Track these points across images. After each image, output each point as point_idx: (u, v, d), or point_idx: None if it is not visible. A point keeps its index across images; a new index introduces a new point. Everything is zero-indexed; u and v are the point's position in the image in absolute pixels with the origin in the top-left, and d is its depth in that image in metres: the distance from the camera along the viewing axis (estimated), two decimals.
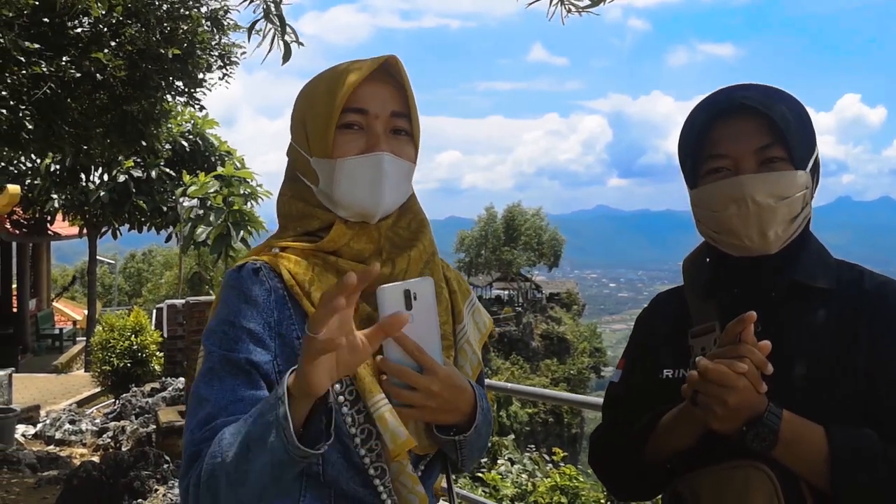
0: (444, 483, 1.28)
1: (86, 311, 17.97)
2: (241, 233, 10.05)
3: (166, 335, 9.90)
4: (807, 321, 1.21)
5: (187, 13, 5.74)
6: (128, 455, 5.54)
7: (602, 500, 5.67)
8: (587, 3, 2.15)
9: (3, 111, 5.25)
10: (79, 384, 12.51)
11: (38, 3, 4.66)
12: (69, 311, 23.23)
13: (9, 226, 14.79)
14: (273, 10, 3.10)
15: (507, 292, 46.84)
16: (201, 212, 10.16)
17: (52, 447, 7.99)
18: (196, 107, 7.08)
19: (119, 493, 4.95)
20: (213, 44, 6.20)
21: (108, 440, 7.95)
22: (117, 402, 9.40)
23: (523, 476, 7.25)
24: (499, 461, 8.18)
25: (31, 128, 5.46)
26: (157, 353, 10.44)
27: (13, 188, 12.97)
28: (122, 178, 13.89)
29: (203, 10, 6.00)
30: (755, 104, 1.19)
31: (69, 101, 5.60)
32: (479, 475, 7.45)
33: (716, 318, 1.23)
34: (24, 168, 13.42)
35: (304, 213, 1.18)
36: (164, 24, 5.64)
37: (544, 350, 41.13)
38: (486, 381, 3.97)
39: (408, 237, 1.20)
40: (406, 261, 1.16)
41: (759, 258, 1.22)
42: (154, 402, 8.60)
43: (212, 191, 10.25)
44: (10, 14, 4.69)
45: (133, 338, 10.38)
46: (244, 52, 6.55)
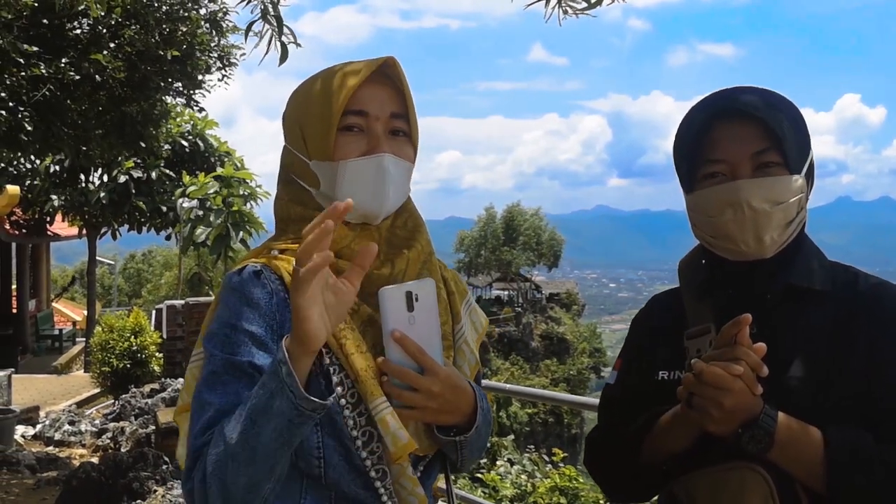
0: (442, 483, 1.28)
1: (85, 312, 17.96)
2: (241, 233, 10.06)
3: (166, 336, 9.89)
4: (802, 323, 1.21)
5: (186, 15, 5.74)
6: (127, 456, 5.54)
7: (601, 502, 5.68)
8: (584, 5, 2.15)
9: (3, 113, 5.25)
10: (78, 385, 12.51)
11: (37, 4, 4.67)
12: (69, 312, 23.24)
13: (8, 226, 14.79)
14: (271, 10, 3.09)
15: (506, 292, 46.80)
16: (201, 212, 10.17)
17: (51, 448, 7.98)
18: (195, 108, 7.09)
19: (118, 494, 4.95)
20: (212, 45, 6.20)
21: (108, 441, 7.95)
22: (117, 402, 9.39)
23: (523, 477, 7.24)
24: (498, 462, 8.18)
25: (30, 129, 5.46)
26: (157, 354, 10.44)
27: (12, 189, 12.97)
28: (122, 179, 13.89)
29: (202, 11, 6.01)
30: (751, 109, 1.20)
31: (68, 102, 5.59)
32: (479, 476, 7.44)
33: (711, 320, 1.23)
34: (24, 169, 13.41)
35: (303, 216, 1.17)
36: (163, 26, 5.64)
37: (544, 350, 41.09)
38: (486, 382, 3.97)
39: (405, 237, 1.20)
40: (405, 261, 1.16)
41: (755, 262, 1.23)
42: (153, 403, 8.60)
43: (211, 191, 10.25)
44: (9, 16, 4.69)
45: (132, 339, 10.37)
46: (243, 54, 6.55)
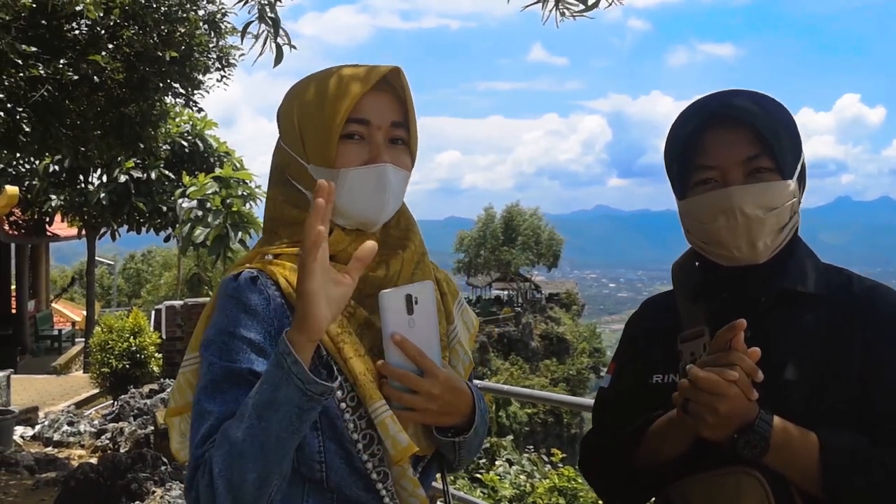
0: (437, 483, 1.28)
1: (84, 313, 17.95)
2: (240, 234, 10.06)
3: (165, 336, 9.90)
4: (796, 327, 1.21)
5: (185, 16, 5.74)
6: (125, 457, 5.53)
7: (600, 503, 5.67)
8: (582, 7, 2.15)
9: (1, 114, 5.25)
10: (77, 385, 12.51)
11: (35, 5, 4.67)
12: (68, 313, 23.23)
13: (7, 227, 14.79)
14: (268, 11, 3.08)
15: (506, 292, 46.80)
16: (200, 213, 10.16)
17: (50, 449, 7.98)
18: (194, 108, 7.09)
19: (116, 494, 4.94)
20: (211, 46, 6.20)
21: (107, 442, 7.95)
22: (116, 403, 9.40)
23: (522, 477, 7.25)
24: (497, 462, 8.18)
25: (28, 130, 5.47)
26: (156, 355, 10.45)
27: (12, 189, 12.97)
28: (122, 179, 13.88)
29: (200, 13, 6.01)
30: (742, 114, 1.19)
31: (67, 103, 5.60)
32: (478, 476, 7.44)
33: (705, 323, 1.23)
34: (23, 169, 13.40)
35: (298, 220, 1.16)
36: (162, 27, 5.64)
37: (544, 350, 41.09)
38: (485, 382, 3.96)
39: (399, 237, 1.21)
40: (399, 262, 1.16)
41: (747, 267, 1.23)
42: (152, 404, 8.60)
43: (210, 192, 10.24)
44: (8, 17, 4.69)
45: (132, 339, 10.38)
46: (242, 54, 6.56)
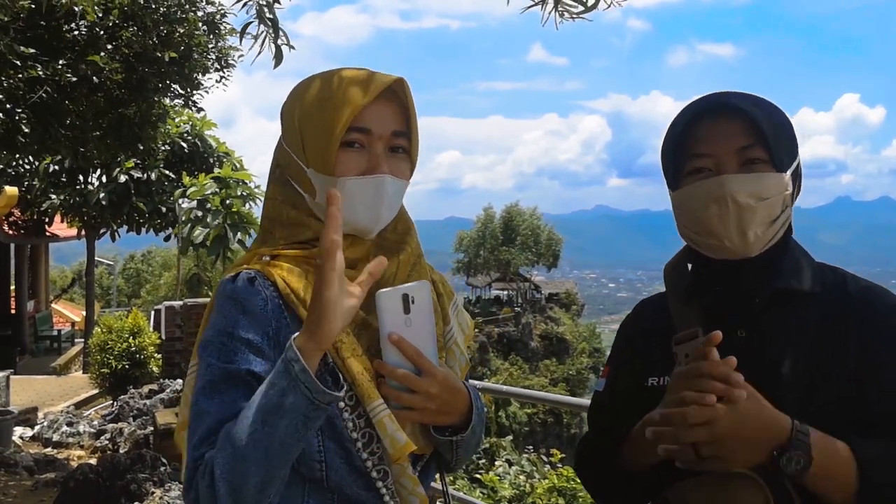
0: (438, 484, 1.28)
1: (84, 313, 17.96)
2: (239, 234, 10.05)
3: (164, 337, 9.89)
4: (789, 326, 1.20)
5: (184, 17, 5.74)
6: (125, 457, 5.53)
7: None
8: (581, 9, 2.15)
9: (0, 115, 5.25)
10: (77, 386, 12.52)
11: (34, 6, 4.66)
12: (67, 313, 23.25)
13: (7, 227, 14.79)
14: (266, 12, 3.08)
15: (506, 292, 46.82)
16: (199, 213, 10.15)
17: (49, 449, 7.98)
18: (193, 109, 7.09)
19: (116, 495, 4.94)
20: (210, 47, 6.20)
21: (106, 442, 7.95)
22: (115, 403, 9.41)
23: (521, 477, 7.25)
24: (497, 462, 8.19)
25: (27, 131, 5.47)
26: (156, 355, 10.45)
27: (11, 189, 12.98)
28: (122, 179, 13.87)
29: (199, 13, 6.00)
30: (737, 103, 1.20)
31: (66, 104, 5.60)
32: (478, 476, 7.45)
33: (699, 324, 1.22)
34: (23, 169, 13.40)
35: (295, 221, 1.17)
36: (161, 28, 5.63)
37: (543, 350, 41.10)
38: (484, 383, 3.97)
39: (395, 240, 1.21)
40: (395, 265, 1.17)
41: (741, 262, 1.22)
42: (152, 404, 8.61)
43: (210, 192, 10.23)
44: (6, 18, 4.69)
45: (131, 339, 10.39)
46: (241, 55, 6.55)
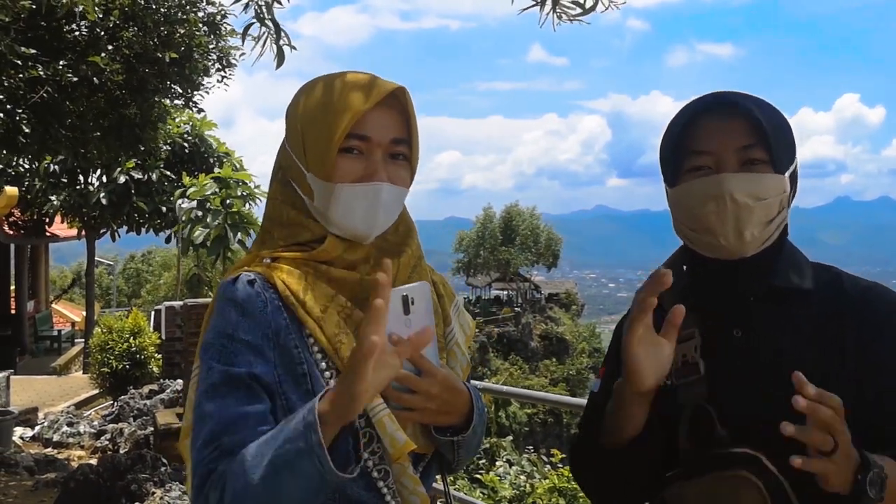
0: (439, 484, 1.28)
1: (84, 313, 17.95)
2: (239, 234, 10.05)
3: (164, 337, 9.90)
4: (786, 324, 1.21)
5: (184, 17, 5.75)
6: (125, 458, 5.53)
7: None
8: (579, 11, 2.15)
9: (1, 115, 5.26)
10: (77, 386, 12.52)
11: (34, 7, 4.67)
12: (67, 313, 23.24)
13: (7, 227, 14.79)
14: (265, 13, 3.08)
15: (505, 292, 46.81)
16: (200, 213, 10.15)
17: (49, 449, 7.99)
18: (194, 109, 7.10)
19: (116, 496, 4.95)
20: (210, 48, 6.20)
21: (107, 442, 7.96)
22: (115, 404, 9.41)
23: (521, 478, 7.26)
24: (497, 462, 8.19)
25: (27, 131, 5.47)
26: (156, 355, 10.45)
27: (11, 190, 12.97)
28: (122, 180, 13.87)
29: (200, 14, 6.01)
30: (738, 102, 1.20)
31: (66, 104, 5.60)
32: (478, 476, 7.45)
33: (694, 325, 1.22)
34: (23, 170, 13.41)
35: (295, 222, 1.17)
36: (161, 28, 5.64)
37: (543, 350, 41.09)
38: (484, 383, 3.97)
39: (396, 242, 1.21)
40: (396, 266, 1.17)
41: (737, 262, 1.22)
42: (152, 405, 8.62)
43: (210, 192, 10.23)
44: (7, 18, 4.69)
45: (131, 340, 10.39)
46: (243, 54, 6.55)
